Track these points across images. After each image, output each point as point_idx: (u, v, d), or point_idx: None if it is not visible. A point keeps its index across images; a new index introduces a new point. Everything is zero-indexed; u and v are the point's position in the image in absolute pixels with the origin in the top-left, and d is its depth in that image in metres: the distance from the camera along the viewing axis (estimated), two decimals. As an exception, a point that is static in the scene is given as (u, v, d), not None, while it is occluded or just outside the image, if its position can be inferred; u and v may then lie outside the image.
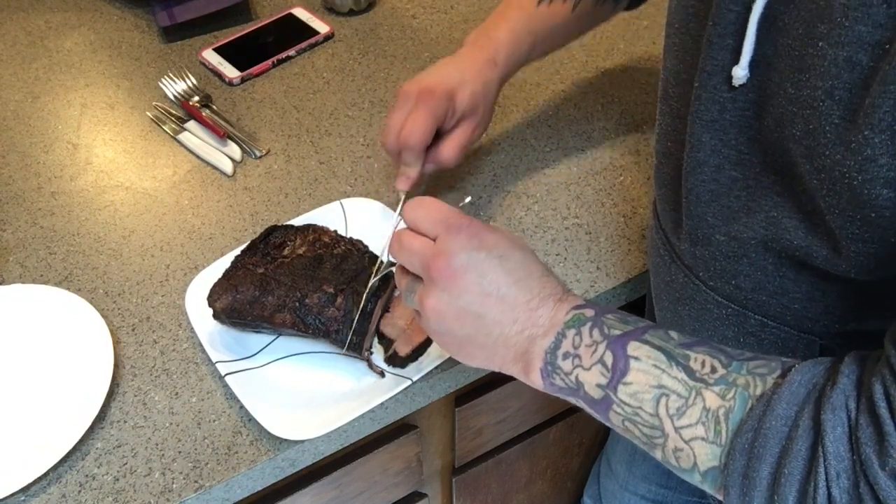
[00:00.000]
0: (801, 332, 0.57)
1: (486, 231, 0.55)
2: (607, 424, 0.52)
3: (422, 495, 0.97)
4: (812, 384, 0.44)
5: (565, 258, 0.81)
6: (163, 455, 0.67)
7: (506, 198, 0.87)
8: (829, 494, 0.41)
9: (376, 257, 0.75)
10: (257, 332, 0.74)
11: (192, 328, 0.75)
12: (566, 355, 0.52)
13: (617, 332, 0.51)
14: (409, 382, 0.70)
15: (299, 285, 0.71)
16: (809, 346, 0.58)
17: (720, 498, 0.47)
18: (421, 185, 0.78)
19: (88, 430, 0.68)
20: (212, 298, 0.71)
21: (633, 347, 0.50)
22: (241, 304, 0.71)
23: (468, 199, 0.69)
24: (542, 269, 0.55)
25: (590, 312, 0.53)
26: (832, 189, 0.46)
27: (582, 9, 0.79)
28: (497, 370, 0.57)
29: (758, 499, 0.44)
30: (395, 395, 0.69)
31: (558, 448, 1.10)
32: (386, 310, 0.75)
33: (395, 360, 0.71)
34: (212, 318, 0.72)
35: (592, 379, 0.51)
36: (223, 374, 0.69)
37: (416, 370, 0.71)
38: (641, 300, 0.84)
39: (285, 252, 0.75)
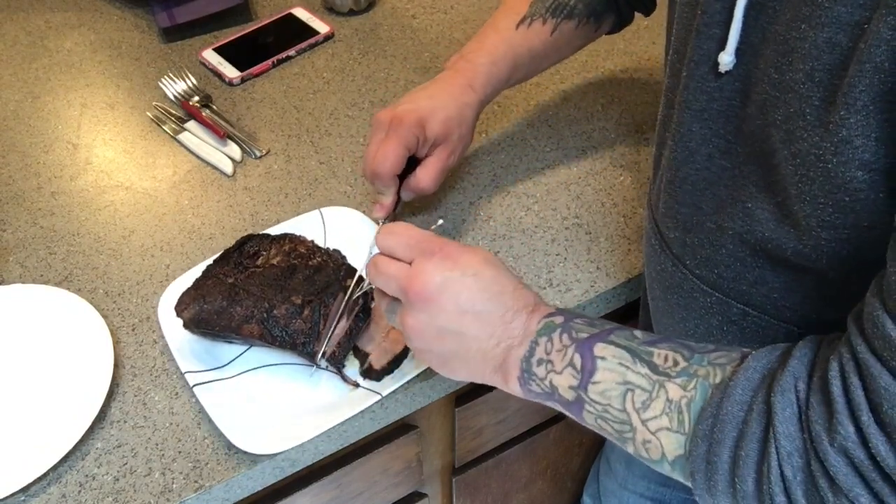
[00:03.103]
0: (781, 321, 0.58)
1: (459, 251, 0.57)
2: (584, 424, 0.54)
3: (422, 495, 0.97)
4: (766, 369, 0.46)
5: (565, 258, 0.81)
6: (163, 455, 0.67)
7: (506, 198, 0.87)
8: (782, 474, 0.43)
9: (353, 269, 0.74)
10: (228, 342, 0.73)
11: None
12: (540, 362, 0.54)
13: (584, 335, 0.53)
14: (378, 397, 0.69)
15: (268, 296, 0.70)
16: (789, 336, 0.58)
17: (690, 486, 0.49)
18: (397, 210, 0.80)
19: (88, 430, 0.68)
20: (179, 308, 0.70)
21: (600, 348, 0.52)
22: (208, 314, 0.69)
23: (440, 222, 0.70)
24: (515, 283, 0.57)
25: (559, 319, 0.55)
26: (805, 175, 0.46)
27: (561, 33, 0.79)
28: (480, 382, 0.59)
29: (721, 482, 0.46)
30: (364, 410, 0.68)
31: (558, 448, 1.10)
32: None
33: (370, 374, 0.71)
34: (182, 328, 0.71)
35: (565, 382, 0.53)
36: (192, 384, 0.68)
37: (390, 384, 0.70)
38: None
39: (259, 262, 0.74)
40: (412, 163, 0.76)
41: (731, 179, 0.55)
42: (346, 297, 0.72)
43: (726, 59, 0.50)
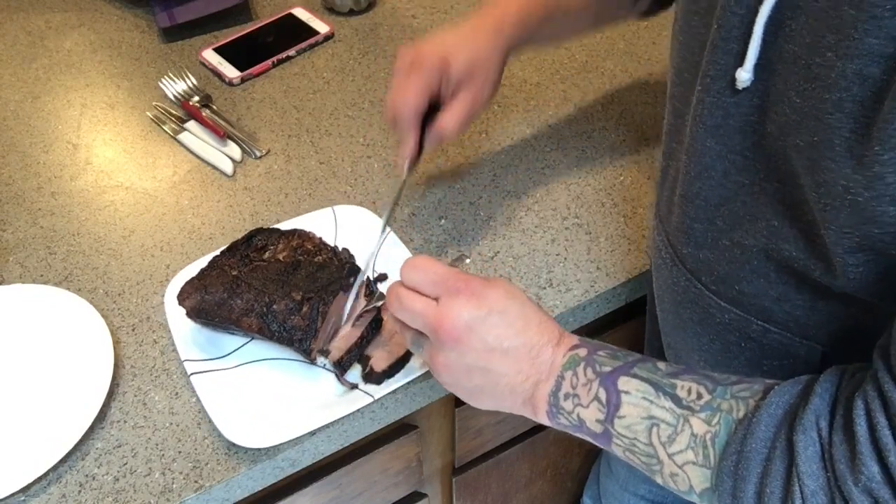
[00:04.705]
0: (804, 338, 0.57)
1: (484, 288, 0.57)
2: (614, 454, 0.55)
3: (422, 495, 0.97)
4: (789, 405, 0.47)
5: (565, 258, 0.81)
6: (163, 455, 0.67)
7: (506, 198, 0.87)
8: None
9: (356, 269, 0.75)
10: (231, 333, 0.74)
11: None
12: (567, 396, 0.55)
13: (608, 369, 0.54)
14: (370, 399, 0.69)
15: (269, 290, 0.70)
16: (811, 353, 0.57)
17: None
18: (420, 160, 0.76)
19: (88, 430, 0.68)
20: (181, 297, 0.71)
21: (623, 382, 0.53)
22: (209, 304, 0.70)
23: (468, 261, 0.69)
24: (540, 316, 0.58)
25: (583, 352, 0.56)
26: (831, 205, 0.45)
27: None
28: (508, 412, 0.60)
29: None
30: (363, 410, 0.69)
31: (558, 448, 1.10)
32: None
33: (371, 377, 0.71)
34: (186, 317, 0.72)
35: (592, 415, 0.54)
36: (189, 373, 0.69)
37: (385, 388, 0.70)
38: (642, 300, 0.84)
39: (265, 256, 0.74)
40: (436, 111, 0.72)
41: (749, 196, 0.54)
42: (351, 304, 0.72)
43: (744, 76, 0.48)
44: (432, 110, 0.72)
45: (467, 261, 0.69)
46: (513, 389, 0.57)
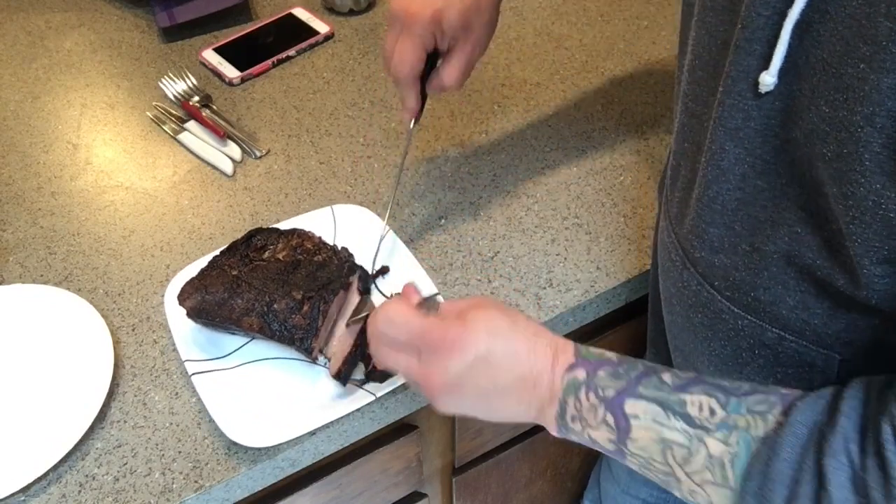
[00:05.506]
0: (821, 347, 0.55)
1: (462, 333, 0.54)
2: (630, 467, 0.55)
3: (422, 495, 0.97)
4: (813, 423, 0.45)
5: (565, 258, 0.81)
6: (163, 455, 0.67)
7: (506, 198, 0.87)
8: None
9: (355, 267, 0.75)
10: (231, 333, 0.74)
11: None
12: (573, 419, 0.54)
13: (611, 393, 0.52)
14: (372, 398, 0.69)
15: (269, 290, 0.70)
16: (828, 362, 0.56)
17: None
18: (423, 113, 0.76)
19: (88, 430, 0.68)
20: (181, 297, 0.71)
21: (630, 406, 0.51)
22: (209, 304, 0.70)
23: (440, 298, 0.69)
24: (527, 343, 0.55)
25: (581, 374, 0.54)
26: (859, 218, 0.44)
27: None
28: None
29: None
30: (364, 410, 0.69)
31: (558, 448, 1.10)
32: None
33: (374, 376, 0.71)
34: (186, 317, 0.72)
35: (603, 436, 0.53)
36: (190, 373, 0.69)
37: (388, 385, 0.70)
38: (642, 300, 0.84)
39: (265, 255, 0.74)
40: (436, 57, 0.72)
41: (769, 200, 0.52)
42: (344, 311, 0.72)
43: (768, 80, 0.47)
44: (432, 58, 0.72)
45: (440, 298, 0.68)
46: (519, 415, 0.56)
